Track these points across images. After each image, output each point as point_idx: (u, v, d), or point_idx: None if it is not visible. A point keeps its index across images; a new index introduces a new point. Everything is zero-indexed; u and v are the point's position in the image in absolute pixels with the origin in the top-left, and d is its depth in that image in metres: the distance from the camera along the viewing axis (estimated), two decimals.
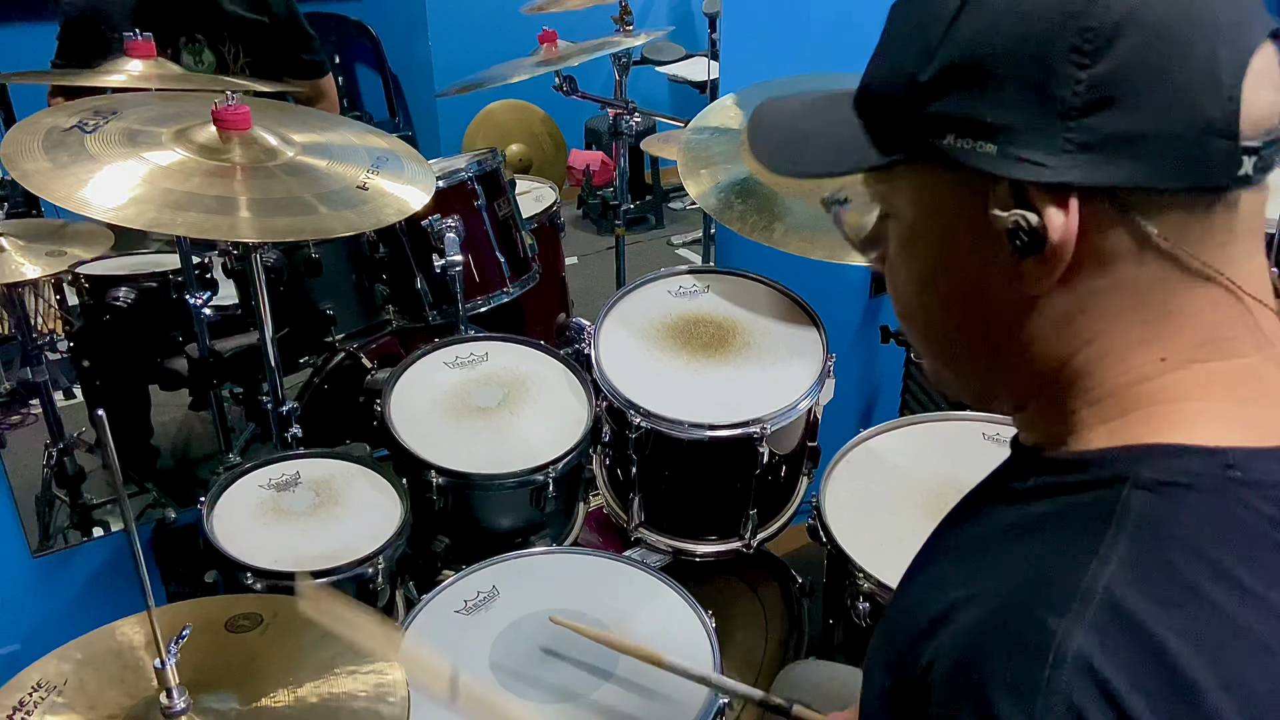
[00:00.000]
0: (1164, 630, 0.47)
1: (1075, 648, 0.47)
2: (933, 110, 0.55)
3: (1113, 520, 0.51)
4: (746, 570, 1.84)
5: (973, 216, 0.56)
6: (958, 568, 0.60)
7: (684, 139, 1.82)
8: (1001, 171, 0.53)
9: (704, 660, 1.24)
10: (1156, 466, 0.53)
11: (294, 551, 1.39)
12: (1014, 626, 0.50)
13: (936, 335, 0.65)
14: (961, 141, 0.54)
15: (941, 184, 0.57)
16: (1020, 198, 0.54)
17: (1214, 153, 0.51)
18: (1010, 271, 0.56)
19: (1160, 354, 0.55)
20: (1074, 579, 0.49)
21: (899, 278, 0.64)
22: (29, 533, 1.86)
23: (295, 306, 1.91)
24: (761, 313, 1.68)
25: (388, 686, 1.02)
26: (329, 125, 1.66)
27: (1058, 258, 0.54)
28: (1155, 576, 0.49)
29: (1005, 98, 0.52)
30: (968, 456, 1.53)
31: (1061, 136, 0.51)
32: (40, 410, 1.97)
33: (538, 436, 1.58)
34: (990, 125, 0.53)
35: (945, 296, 0.61)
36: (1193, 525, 0.51)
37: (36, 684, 1.00)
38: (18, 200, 2.06)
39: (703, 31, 3.77)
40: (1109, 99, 0.51)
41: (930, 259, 0.61)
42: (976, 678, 0.50)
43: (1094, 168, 0.51)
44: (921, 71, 0.55)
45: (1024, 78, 0.52)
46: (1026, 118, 0.52)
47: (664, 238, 3.92)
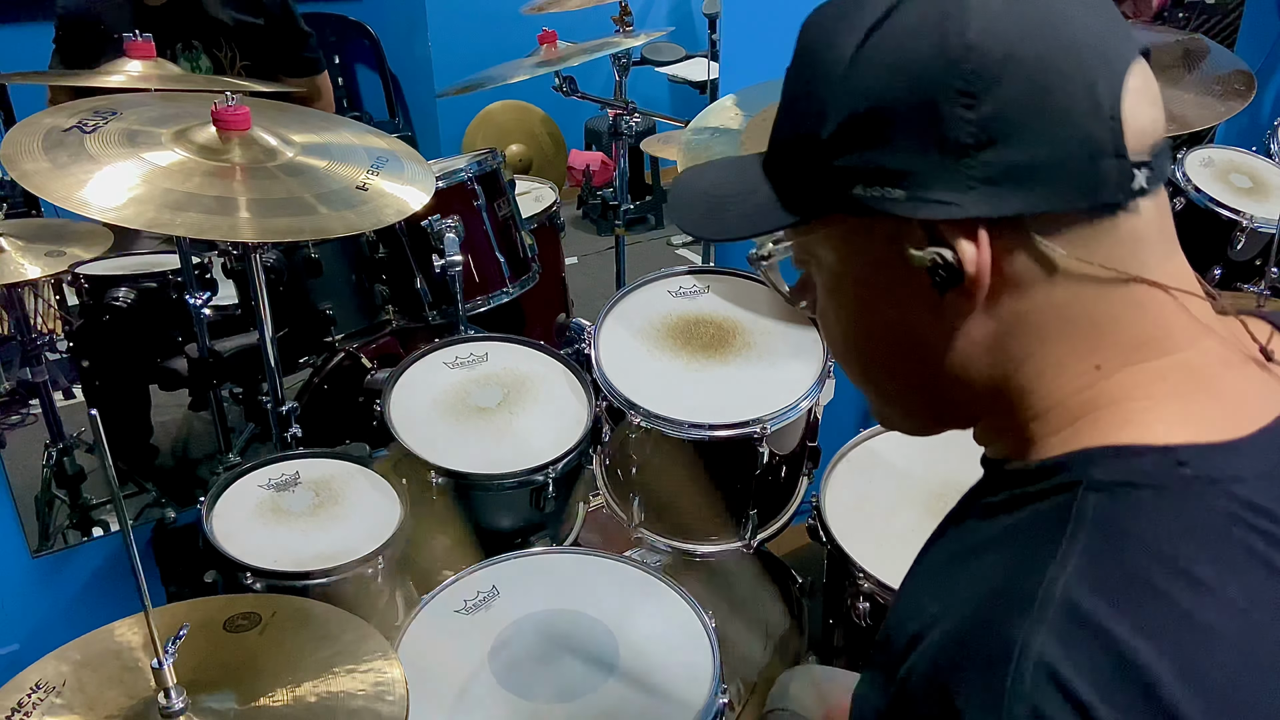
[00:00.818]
0: (1122, 629, 0.48)
1: (1036, 653, 0.48)
2: (838, 164, 0.58)
3: (1068, 524, 0.52)
4: (747, 570, 1.84)
5: (891, 258, 0.58)
6: (936, 584, 0.61)
7: (684, 139, 1.82)
8: (912, 213, 0.56)
9: (704, 661, 1.24)
10: (1108, 468, 0.54)
11: (293, 551, 1.39)
12: (978, 637, 0.51)
13: (873, 374, 0.67)
14: (870, 190, 0.56)
15: (857, 231, 0.60)
16: (933, 236, 0.56)
17: (1106, 172, 0.54)
18: (933, 306, 0.58)
19: (1095, 362, 0.58)
20: (1032, 585, 0.51)
21: (829, 323, 0.67)
22: (29, 533, 1.86)
23: (295, 306, 1.91)
24: (761, 313, 1.68)
25: (386, 685, 1.02)
26: (329, 125, 1.66)
27: (976, 287, 0.56)
28: (1111, 576, 0.50)
29: (903, 144, 0.55)
30: (968, 456, 1.51)
31: (962, 175, 0.54)
32: (40, 410, 1.97)
33: (538, 436, 1.58)
34: (894, 172, 0.55)
35: (875, 336, 0.64)
36: (1147, 523, 0.52)
37: (35, 685, 1.00)
38: (18, 200, 2.06)
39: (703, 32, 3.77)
40: (1000, 135, 0.53)
41: (857, 302, 0.63)
42: (945, 691, 0.51)
43: (997, 199, 0.54)
44: (821, 129, 0.58)
45: (917, 124, 0.54)
46: (926, 161, 0.55)
47: (664, 238, 3.92)
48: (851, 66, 0.57)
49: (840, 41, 0.57)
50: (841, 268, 0.63)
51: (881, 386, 0.68)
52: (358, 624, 1.11)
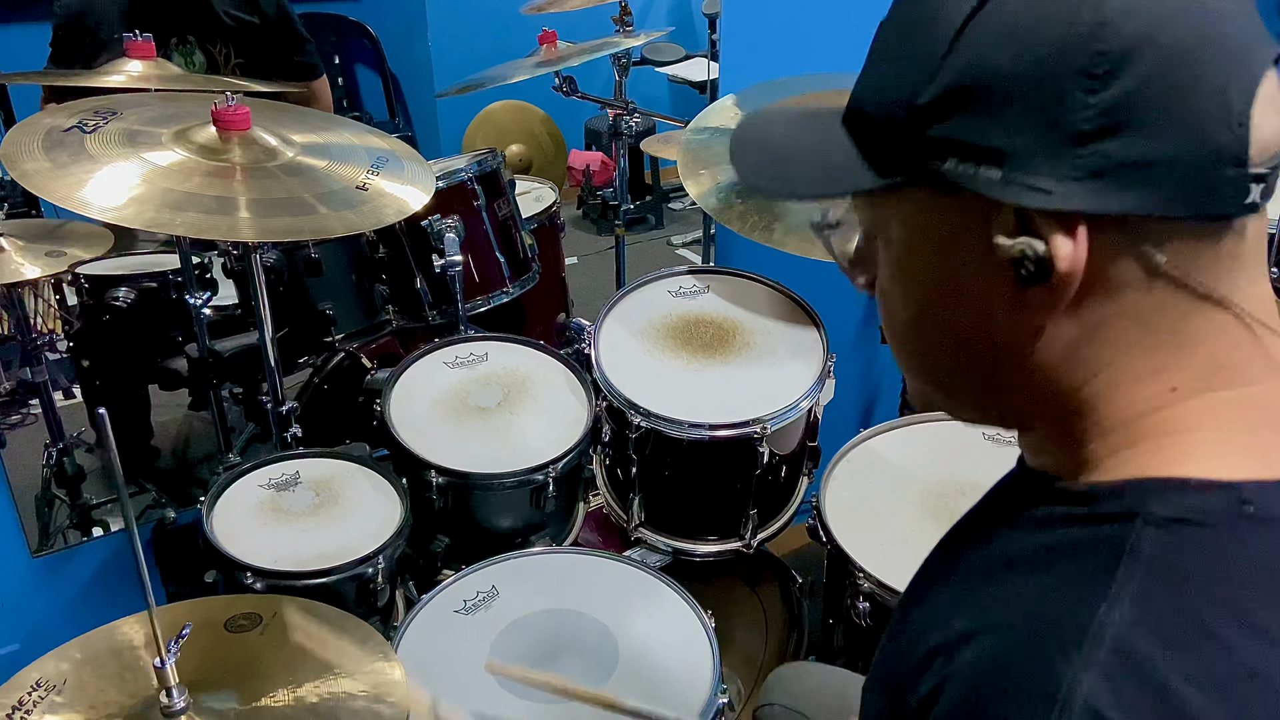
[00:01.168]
0: (1175, 675, 0.46)
1: (1084, 695, 0.46)
2: (933, 133, 0.53)
3: (1123, 559, 0.50)
4: (746, 570, 1.84)
5: (973, 243, 0.54)
6: (963, 596, 0.59)
7: (684, 139, 1.82)
8: (1006, 197, 0.51)
9: (704, 661, 1.24)
10: (1168, 503, 0.51)
11: (294, 551, 1.39)
12: (1022, 668, 0.49)
13: (932, 361, 0.63)
14: (964, 166, 0.52)
15: (939, 208, 0.55)
16: (1024, 225, 0.52)
17: (1223, 180, 0.50)
18: (1013, 300, 0.54)
19: (1171, 384, 0.54)
20: (1084, 620, 0.48)
21: (892, 302, 0.62)
22: (29, 533, 1.86)
23: (295, 306, 1.91)
24: (761, 313, 1.68)
25: (386, 686, 1.02)
26: (329, 126, 1.66)
27: (1065, 287, 0.52)
28: (1167, 618, 0.48)
29: (1011, 121, 0.50)
30: (968, 456, 1.53)
31: (1070, 162, 0.49)
32: (40, 410, 1.97)
33: (538, 436, 1.58)
34: (995, 150, 0.51)
35: (943, 324, 0.59)
36: (1206, 564, 0.49)
37: (36, 683, 1.00)
38: (18, 200, 2.06)
39: (703, 32, 3.78)
40: (1119, 124, 0.49)
41: (927, 285, 0.58)
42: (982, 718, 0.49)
43: (1103, 194, 0.50)
44: (921, 93, 0.52)
45: (1032, 101, 0.50)
46: (1033, 142, 0.50)
47: (664, 238, 3.92)
48: (965, 30, 0.51)
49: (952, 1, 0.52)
50: (915, 245, 0.58)
51: (936, 374, 0.63)
52: (358, 624, 1.11)
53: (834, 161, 0.58)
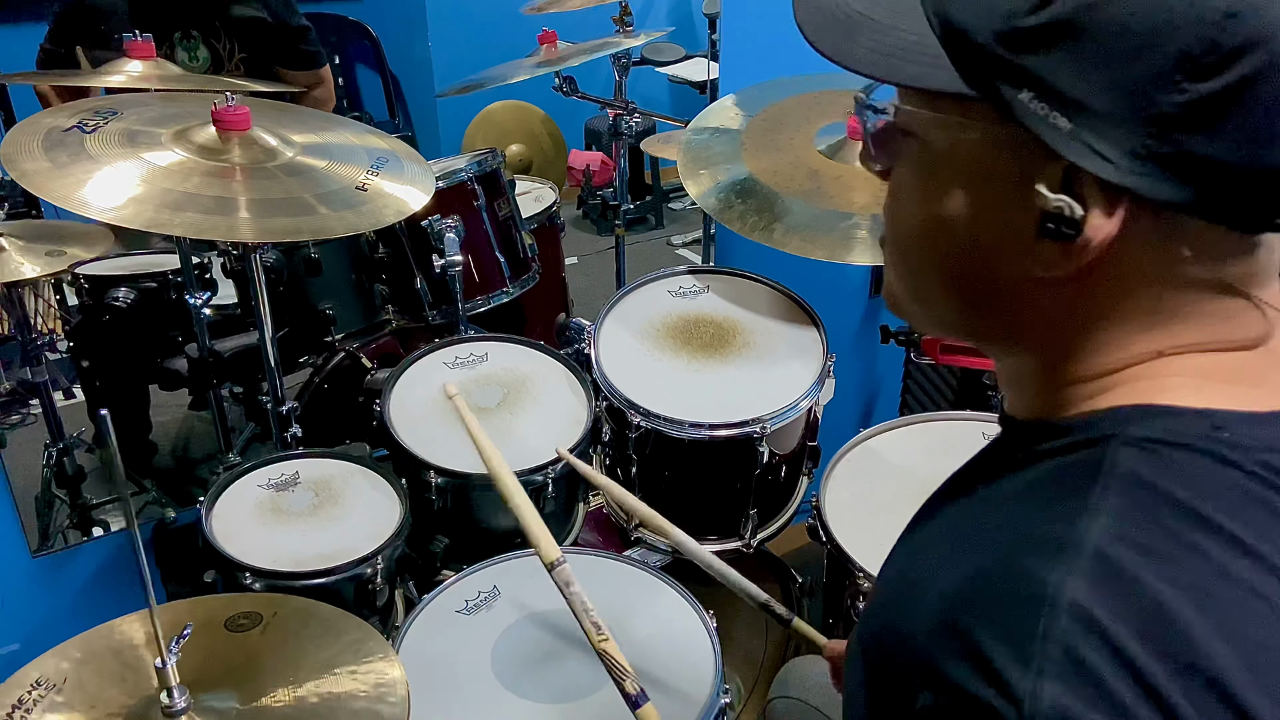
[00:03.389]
0: (1159, 582, 0.47)
1: (1071, 597, 0.46)
2: (1022, 60, 0.50)
3: (1100, 476, 0.51)
4: (746, 570, 1.83)
5: (1012, 180, 0.53)
6: (944, 535, 0.59)
7: (684, 139, 1.82)
8: (1065, 151, 0.49)
9: (705, 661, 1.24)
10: (1143, 425, 0.52)
11: (293, 551, 1.39)
12: (1004, 579, 0.50)
13: (923, 271, 0.62)
14: (1038, 104, 0.49)
15: (993, 134, 0.53)
16: (1068, 182, 0.51)
17: (1266, 197, 0.49)
18: (1026, 244, 0.54)
19: (1159, 348, 0.55)
20: (1064, 533, 0.49)
21: (904, 203, 0.61)
22: (29, 533, 1.86)
23: (295, 306, 1.91)
24: (761, 313, 1.68)
25: (387, 686, 1.02)
26: (329, 126, 1.66)
27: (1082, 255, 0.52)
28: (1146, 530, 0.49)
29: (1103, 78, 0.48)
30: (968, 457, 1.52)
31: (1141, 141, 0.48)
32: (40, 410, 1.97)
33: (538, 436, 1.58)
34: (1075, 100, 0.48)
35: (949, 241, 0.58)
36: (1181, 480, 0.50)
37: (35, 682, 1.00)
38: (18, 200, 2.06)
39: (703, 32, 3.77)
40: (1202, 119, 0.47)
41: (948, 201, 0.57)
42: (966, 630, 0.49)
43: (1156, 181, 0.48)
44: (1025, 15, 0.49)
45: (1130, 66, 0.47)
46: (1115, 107, 0.48)
47: (664, 238, 3.92)
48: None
49: None
50: (952, 157, 0.56)
51: (924, 284, 0.62)
52: (359, 624, 1.11)
53: (906, 45, 0.55)
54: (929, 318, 0.64)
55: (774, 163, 1.70)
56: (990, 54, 0.51)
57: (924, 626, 0.51)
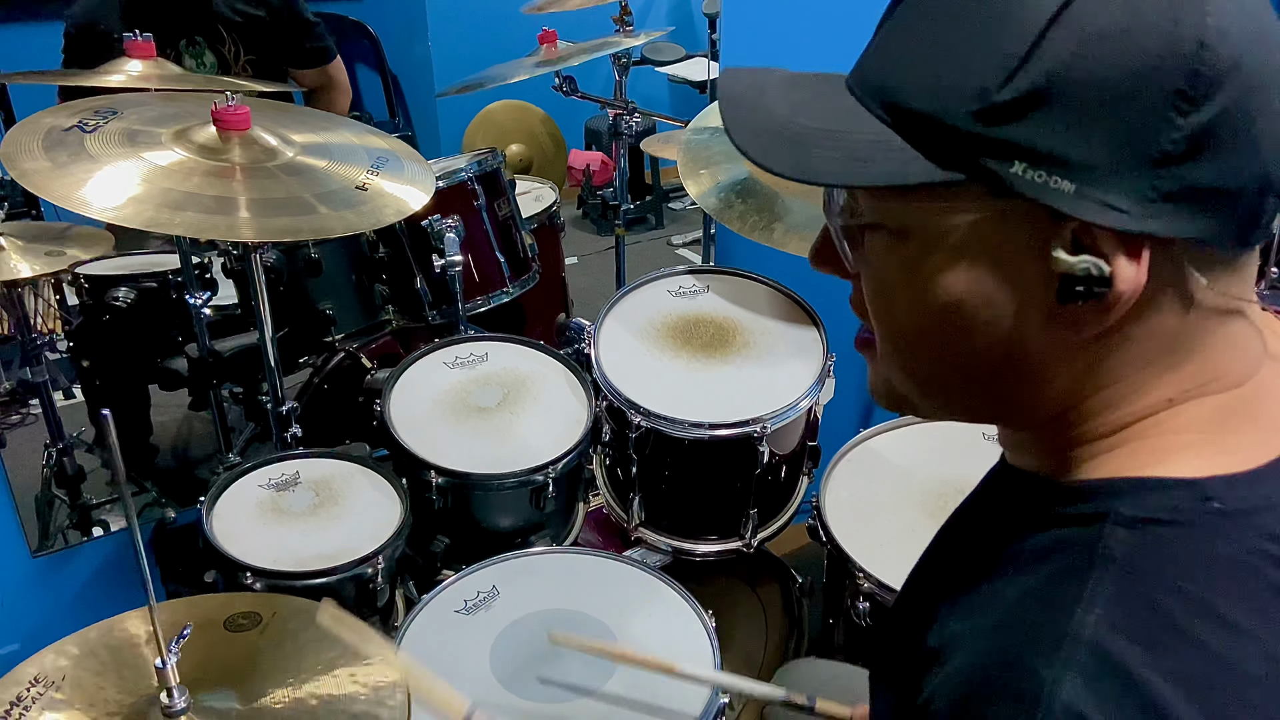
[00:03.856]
0: (1152, 675, 0.47)
1: (1065, 698, 0.47)
2: (1003, 135, 0.48)
3: (1095, 562, 0.51)
4: (746, 570, 1.84)
5: (1019, 252, 0.51)
6: (956, 596, 0.59)
7: (684, 139, 1.82)
8: (1075, 212, 0.48)
9: (705, 662, 1.24)
10: (1135, 503, 0.52)
11: (293, 551, 1.39)
12: (1005, 674, 0.50)
13: (937, 363, 0.58)
14: (1033, 173, 0.48)
15: (988, 211, 0.51)
16: (1080, 241, 0.49)
17: (1265, 210, 0.50)
18: (1048, 314, 0.52)
19: (1170, 394, 0.54)
20: (1060, 624, 0.49)
21: (898, 301, 0.57)
22: (29, 533, 1.86)
23: (295, 306, 1.91)
24: (761, 313, 1.68)
25: (387, 689, 1.02)
26: (329, 125, 1.66)
27: (1115, 308, 0.50)
28: (1140, 618, 0.48)
29: (1095, 133, 0.47)
30: (968, 456, 1.52)
31: (1148, 184, 0.47)
32: (40, 410, 1.97)
33: (538, 436, 1.58)
34: (1071, 161, 0.48)
35: (962, 326, 0.55)
36: (1174, 563, 0.50)
37: (34, 679, 1.00)
38: (17, 200, 2.06)
39: (703, 31, 3.78)
40: (1202, 149, 0.47)
41: (952, 286, 0.54)
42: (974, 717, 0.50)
43: (1173, 219, 0.48)
44: (997, 90, 0.48)
45: (1120, 116, 0.47)
46: (1114, 158, 0.47)
47: (664, 238, 3.92)
48: (1052, 28, 0.47)
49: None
50: (945, 245, 0.53)
51: (941, 376, 0.59)
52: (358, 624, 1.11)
53: (865, 144, 0.53)
54: (947, 409, 0.62)
55: None
56: (968, 134, 0.49)
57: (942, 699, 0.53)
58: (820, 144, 0.55)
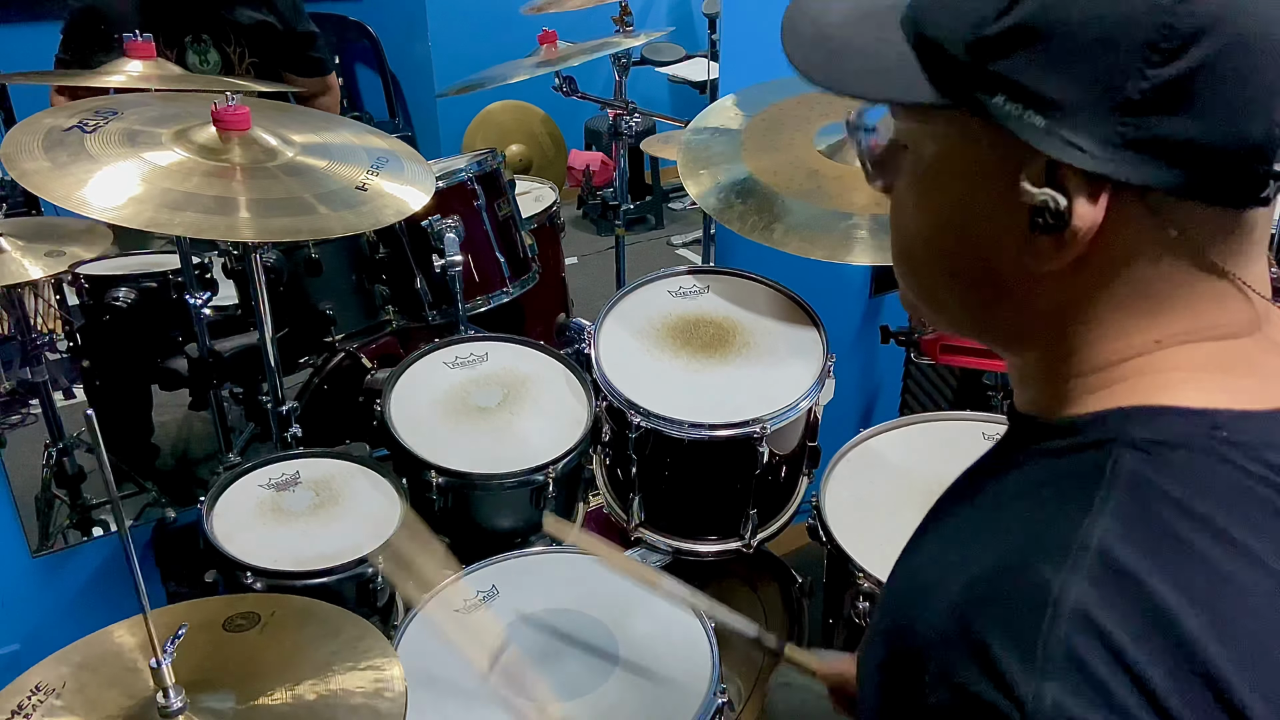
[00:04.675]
0: (1157, 582, 0.48)
1: (1073, 599, 0.48)
2: (992, 66, 0.53)
3: (1103, 478, 0.52)
4: (746, 570, 1.84)
5: (999, 180, 0.55)
6: (955, 536, 0.61)
7: (684, 139, 1.82)
8: (1043, 147, 0.52)
9: (704, 660, 1.24)
10: (1144, 427, 0.54)
11: (293, 551, 1.39)
12: (1011, 581, 0.51)
13: (931, 277, 0.64)
14: (1011, 105, 0.53)
15: (976, 138, 0.56)
16: (1052, 176, 0.53)
17: (1248, 174, 0.52)
18: (1022, 243, 0.56)
19: (1156, 336, 0.57)
20: (1068, 534, 0.50)
21: (905, 214, 0.63)
22: (29, 533, 1.86)
23: (295, 306, 1.91)
24: (761, 313, 1.68)
25: (385, 683, 1.02)
26: (329, 126, 1.66)
27: (1074, 244, 0.54)
28: (1146, 531, 0.50)
29: (1069, 74, 0.51)
30: (968, 456, 1.51)
31: (1112, 128, 0.51)
32: (40, 410, 1.97)
33: (538, 436, 1.58)
34: (1045, 98, 0.52)
35: (950, 245, 0.61)
36: (1180, 482, 0.51)
37: (35, 687, 1.00)
38: (18, 200, 2.06)
39: (703, 32, 3.77)
40: (1170, 102, 0.50)
41: (944, 207, 0.60)
42: (975, 631, 0.50)
43: (1136, 166, 0.51)
44: (990, 23, 0.53)
45: (1094, 60, 0.50)
46: (1084, 100, 0.51)
47: (664, 238, 3.92)
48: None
49: None
50: (943, 165, 0.59)
51: (931, 288, 0.65)
52: (357, 622, 1.11)
53: (888, 64, 0.58)
54: (944, 319, 0.66)
55: (774, 163, 1.70)
56: (962, 63, 0.54)
57: (937, 627, 0.53)
58: (855, 58, 0.60)
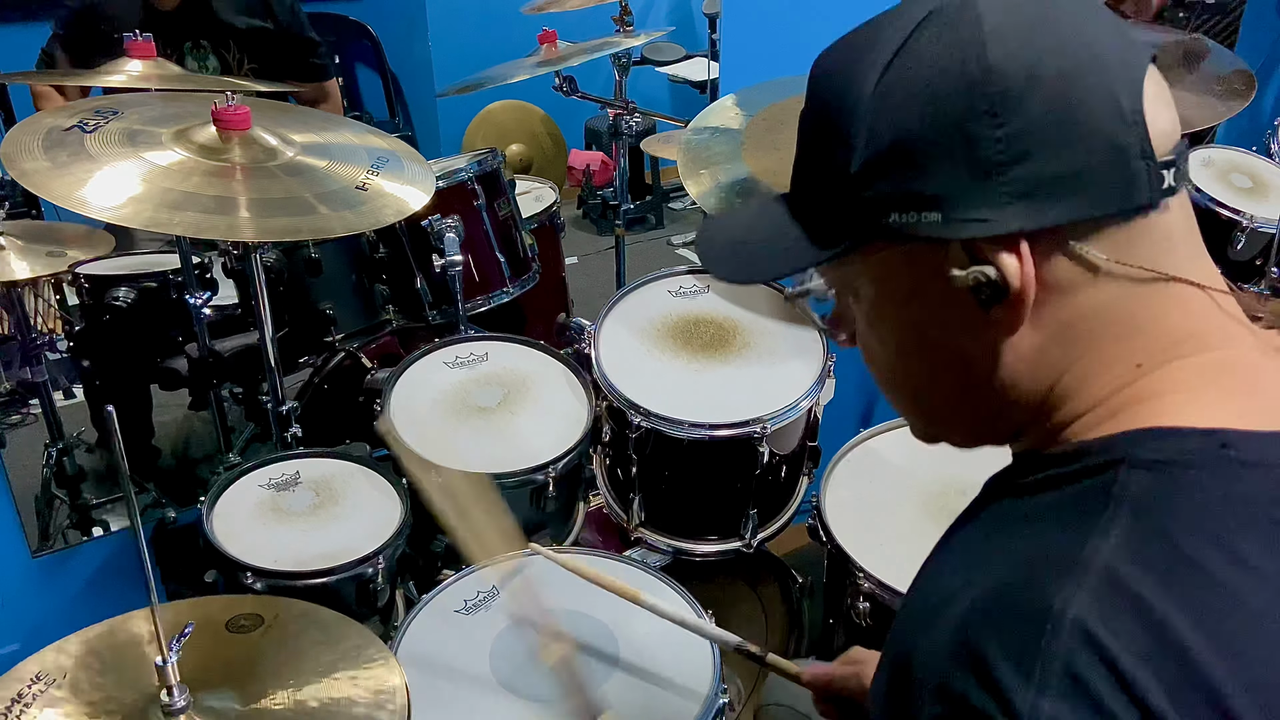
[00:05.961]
0: (1162, 602, 0.48)
1: (1073, 616, 0.48)
2: (869, 195, 0.58)
3: (1110, 499, 0.53)
4: (746, 570, 1.84)
5: (932, 282, 0.59)
6: (961, 563, 0.61)
7: (684, 139, 1.82)
8: (951, 235, 0.56)
9: (705, 661, 1.24)
10: (1152, 447, 0.55)
11: (294, 551, 1.39)
12: (1013, 597, 0.52)
13: (921, 397, 0.68)
14: (905, 216, 0.57)
15: (895, 258, 0.60)
16: (973, 255, 0.57)
17: (1137, 174, 0.55)
18: (978, 323, 0.59)
19: (1136, 361, 0.58)
20: (1073, 554, 0.51)
21: (874, 352, 0.67)
22: (29, 533, 1.86)
23: (295, 306, 1.91)
24: (761, 313, 1.68)
25: (387, 693, 1.02)
26: (329, 125, 1.66)
27: (1022, 300, 0.57)
28: (1153, 550, 0.50)
29: (935, 169, 0.56)
30: (968, 456, 1.52)
31: (997, 191, 0.55)
32: (40, 410, 1.97)
33: (538, 436, 1.58)
34: (928, 196, 0.56)
35: (921, 360, 0.64)
36: (1190, 501, 0.52)
37: (35, 676, 1.00)
38: (17, 200, 2.06)
39: (703, 31, 3.77)
40: (1030, 149, 0.54)
41: (901, 329, 0.64)
42: (974, 644, 0.51)
43: (1035, 211, 0.55)
44: (849, 165, 0.58)
45: (947, 148, 0.55)
46: (960, 183, 0.55)
47: (664, 238, 3.91)
48: (874, 100, 0.58)
49: (859, 78, 0.58)
50: (882, 296, 0.63)
51: (929, 408, 0.69)
52: (360, 630, 1.11)
53: (787, 244, 0.65)
54: (955, 430, 0.69)
55: (774, 163, 1.70)
56: (845, 208, 0.60)
57: (942, 645, 0.53)
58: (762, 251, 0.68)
